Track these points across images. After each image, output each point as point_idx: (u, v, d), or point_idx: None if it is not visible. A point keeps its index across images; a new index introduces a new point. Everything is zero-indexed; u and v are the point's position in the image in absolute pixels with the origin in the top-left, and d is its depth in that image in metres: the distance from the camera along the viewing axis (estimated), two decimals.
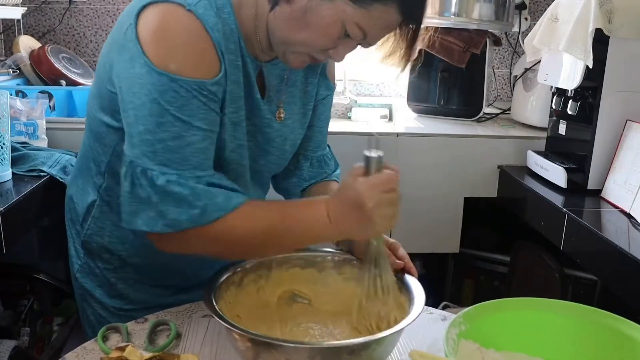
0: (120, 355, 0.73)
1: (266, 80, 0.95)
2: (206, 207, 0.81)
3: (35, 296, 1.87)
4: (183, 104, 0.80)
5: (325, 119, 1.10)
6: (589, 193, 1.52)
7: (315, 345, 0.73)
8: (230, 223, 0.82)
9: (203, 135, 0.83)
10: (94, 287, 1.04)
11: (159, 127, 0.80)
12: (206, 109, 0.83)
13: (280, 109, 0.98)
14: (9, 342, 1.60)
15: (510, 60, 2.42)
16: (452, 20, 2.00)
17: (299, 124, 1.03)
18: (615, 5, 1.39)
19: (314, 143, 1.10)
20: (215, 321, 0.87)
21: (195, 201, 0.81)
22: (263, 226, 0.84)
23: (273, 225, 0.85)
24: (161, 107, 0.80)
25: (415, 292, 0.83)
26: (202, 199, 0.81)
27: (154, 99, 0.80)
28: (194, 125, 0.82)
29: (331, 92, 1.09)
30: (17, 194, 1.26)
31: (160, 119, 0.80)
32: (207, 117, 0.83)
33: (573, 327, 0.81)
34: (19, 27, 2.21)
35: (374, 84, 2.41)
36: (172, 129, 0.80)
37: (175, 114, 0.80)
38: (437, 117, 2.09)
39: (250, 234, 0.84)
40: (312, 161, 1.11)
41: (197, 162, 0.83)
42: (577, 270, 1.86)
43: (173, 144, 0.81)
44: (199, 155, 0.83)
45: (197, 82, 0.81)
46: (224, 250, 0.86)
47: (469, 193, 1.85)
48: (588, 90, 1.51)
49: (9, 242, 1.17)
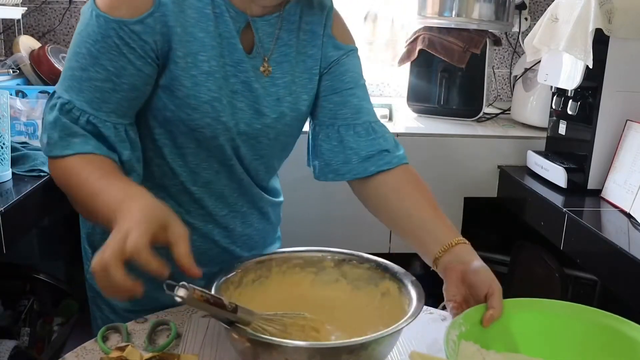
0: (120, 355, 0.73)
1: (255, 36, 0.94)
2: (58, 140, 0.85)
3: (35, 296, 1.87)
4: (97, 39, 0.84)
5: (351, 80, 1.01)
6: (589, 193, 1.52)
7: (314, 345, 0.73)
8: (68, 163, 0.85)
9: (105, 76, 0.85)
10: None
11: (74, 57, 0.86)
12: (118, 52, 0.84)
13: (266, 63, 0.95)
14: (9, 342, 1.60)
15: (510, 60, 2.42)
16: (452, 20, 2.00)
17: (299, 87, 0.98)
18: (615, 5, 1.39)
19: (350, 108, 1.00)
20: (215, 321, 0.87)
21: (59, 131, 0.84)
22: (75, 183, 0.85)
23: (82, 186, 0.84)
24: (81, 38, 0.85)
25: (415, 292, 0.83)
26: (61, 130, 0.84)
27: (79, 32, 0.86)
28: (100, 63, 0.84)
29: (345, 52, 1.01)
30: (17, 194, 1.25)
31: (77, 49, 0.86)
32: (116, 60, 0.85)
33: (574, 328, 0.81)
34: (19, 27, 2.21)
35: (374, 84, 2.41)
36: (82, 60, 0.85)
37: (89, 47, 0.84)
38: (437, 117, 2.09)
39: (72, 186, 0.85)
40: (357, 129, 1.00)
41: (90, 98, 0.85)
42: (577, 270, 1.86)
43: (78, 74, 0.85)
44: (94, 93, 0.85)
45: (116, 20, 0.83)
46: (63, 189, 0.88)
47: (469, 193, 1.85)
48: (588, 90, 1.51)
49: (9, 242, 1.17)
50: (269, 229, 1.12)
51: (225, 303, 0.72)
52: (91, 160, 0.84)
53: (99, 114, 0.86)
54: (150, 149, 0.95)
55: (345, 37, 1.03)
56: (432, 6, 2.02)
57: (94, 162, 0.84)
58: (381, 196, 0.99)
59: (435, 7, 2.01)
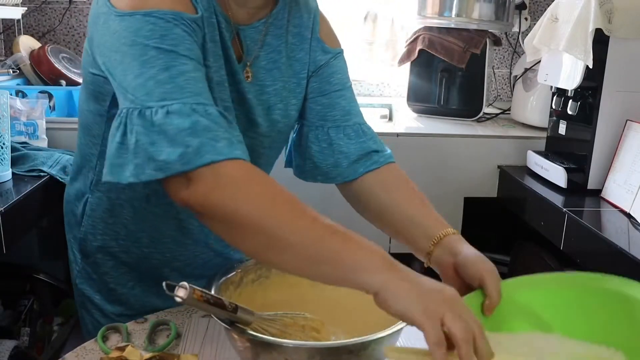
0: (120, 355, 0.73)
1: (243, 44, 0.92)
2: (202, 145, 0.70)
3: (35, 296, 1.87)
4: (163, 34, 0.74)
5: (338, 82, 1.01)
6: (589, 193, 1.52)
7: (314, 345, 0.73)
8: (229, 168, 0.71)
9: (194, 66, 0.76)
10: (93, 292, 1.03)
11: (145, 66, 0.73)
12: (190, 40, 0.76)
13: (248, 68, 0.92)
14: (9, 342, 1.60)
15: (510, 60, 2.42)
16: (452, 20, 2.00)
17: (288, 92, 0.97)
18: (615, 5, 1.39)
19: (340, 110, 1.00)
20: (215, 321, 0.87)
21: (191, 138, 0.70)
22: (277, 192, 0.72)
23: (291, 200, 0.71)
24: (141, 45, 0.73)
25: None
26: (200, 135, 0.70)
27: (132, 41, 0.74)
28: (180, 54, 0.74)
29: (333, 55, 1.01)
30: (17, 194, 1.26)
31: (143, 58, 0.73)
32: (192, 48, 0.76)
33: (579, 297, 0.80)
34: (19, 27, 2.21)
35: (374, 84, 2.41)
36: (157, 62, 0.73)
37: (157, 45, 0.74)
38: (437, 117, 2.09)
39: (258, 191, 0.71)
40: (347, 131, 0.99)
41: (197, 90, 0.74)
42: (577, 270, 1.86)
43: (163, 76, 0.73)
44: (196, 84, 0.74)
45: (174, 12, 0.75)
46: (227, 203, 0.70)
47: (469, 193, 1.85)
48: (588, 90, 1.51)
49: (9, 242, 1.17)
50: None
51: (225, 303, 0.72)
52: (258, 170, 0.73)
53: (211, 102, 0.75)
54: None
55: (332, 40, 1.03)
56: (432, 6, 2.02)
57: (262, 173, 0.73)
58: (368, 193, 0.98)
59: (435, 7, 2.01)
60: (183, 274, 1.03)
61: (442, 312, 0.64)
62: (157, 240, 0.99)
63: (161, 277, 1.01)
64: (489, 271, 0.80)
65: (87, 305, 1.05)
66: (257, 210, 0.70)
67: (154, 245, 0.99)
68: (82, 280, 1.04)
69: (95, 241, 1.00)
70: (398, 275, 0.68)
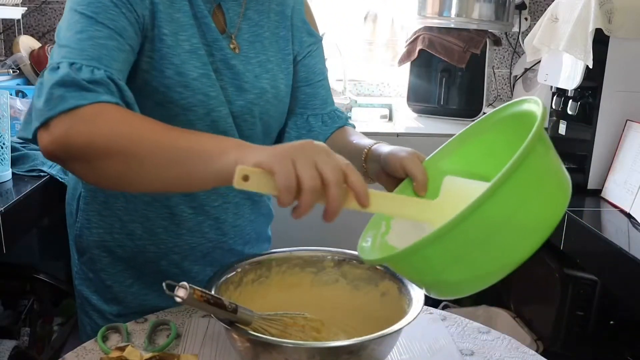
0: (120, 355, 0.73)
1: (226, 16, 0.96)
2: (67, 92, 0.72)
3: (35, 296, 1.87)
4: (90, 2, 0.80)
5: (321, 72, 1.09)
6: (589, 193, 1.52)
7: (314, 345, 0.73)
8: (89, 108, 0.71)
9: (108, 34, 0.79)
10: (90, 293, 1.04)
11: (68, 29, 0.79)
12: (116, 11, 0.81)
13: (233, 40, 0.96)
14: (9, 342, 1.60)
15: (510, 60, 2.42)
16: (452, 20, 2.00)
17: (274, 65, 1.00)
18: (615, 5, 1.39)
19: (320, 99, 1.08)
20: (215, 321, 0.87)
21: (58, 88, 0.72)
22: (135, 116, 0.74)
23: (160, 127, 0.73)
24: (72, 10, 0.80)
25: (415, 292, 0.83)
26: (68, 86, 0.72)
27: (69, 7, 0.81)
28: (98, 21, 0.79)
29: (318, 42, 1.08)
30: (17, 194, 1.26)
31: (70, 21, 0.80)
32: (115, 19, 0.80)
33: (494, 138, 0.80)
34: (19, 27, 2.21)
35: (374, 84, 2.41)
36: (77, 26, 0.79)
37: (82, 11, 0.79)
38: (437, 117, 2.09)
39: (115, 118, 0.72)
40: (324, 118, 1.08)
41: (96, 55, 0.76)
42: (577, 270, 1.85)
43: (75, 38, 0.78)
44: (99, 49, 0.77)
45: None
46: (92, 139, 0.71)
47: None
48: (588, 90, 1.51)
49: (9, 242, 1.17)
50: (261, 222, 1.11)
51: (225, 303, 0.72)
52: (128, 110, 0.75)
53: (112, 70, 0.77)
54: None
55: (315, 24, 1.09)
56: (432, 6, 2.02)
57: (134, 112, 0.76)
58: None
59: (435, 7, 2.01)
60: (181, 268, 1.02)
61: (294, 157, 0.64)
62: (150, 231, 0.99)
63: (159, 272, 1.01)
64: (407, 157, 0.84)
65: (85, 307, 1.05)
66: (111, 135, 0.71)
67: (148, 237, 0.99)
68: (81, 281, 1.05)
69: (91, 235, 1.01)
70: (253, 148, 0.68)
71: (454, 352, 0.87)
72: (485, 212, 0.61)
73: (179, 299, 0.68)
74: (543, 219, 0.67)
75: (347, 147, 1.00)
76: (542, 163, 0.70)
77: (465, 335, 0.92)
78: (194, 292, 0.69)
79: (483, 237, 0.63)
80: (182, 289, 0.68)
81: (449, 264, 0.65)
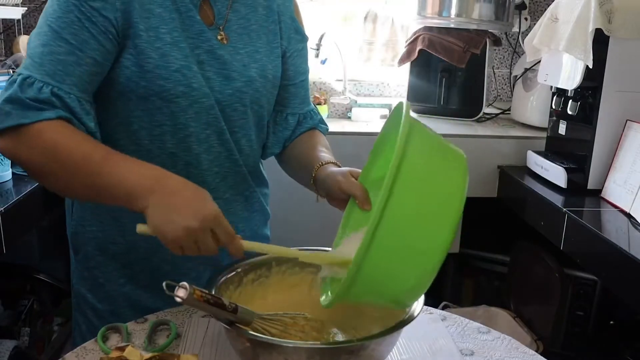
0: (120, 355, 0.73)
1: (214, 8, 0.97)
2: (13, 110, 0.81)
3: (35, 296, 1.87)
4: (59, 16, 0.85)
5: (304, 71, 1.12)
6: (589, 193, 1.52)
7: (314, 345, 0.73)
8: (30, 128, 0.81)
9: (68, 49, 0.84)
10: (86, 291, 1.04)
11: (36, 38, 0.85)
12: (80, 26, 0.85)
13: (221, 32, 0.98)
14: (9, 342, 1.60)
15: (510, 60, 2.42)
16: (452, 20, 2.00)
17: (263, 56, 1.02)
18: (615, 5, 1.39)
19: (300, 98, 1.12)
20: (215, 321, 0.87)
21: (5, 104, 0.81)
22: (78, 148, 0.83)
23: (88, 153, 0.82)
24: (44, 20, 0.86)
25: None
26: (14, 103, 0.81)
27: (43, 17, 0.86)
28: (62, 37, 0.84)
29: (305, 41, 1.11)
30: (17, 194, 1.26)
31: (39, 30, 0.86)
32: (78, 34, 0.85)
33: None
34: (19, 27, 2.21)
35: (374, 84, 2.41)
36: (43, 37, 0.85)
37: (50, 24, 0.85)
38: (437, 117, 2.09)
39: (61, 147, 0.82)
40: (299, 117, 1.12)
41: (52, 71, 0.83)
42: (577, 270, 1.86)
43: (38, 51, 0.84)
44: (56, 65, 0.83)
45: None
46: (29, 157, 0.84)
47: (469, 193, 1.83)
48: (588, 90, 1.51)
49: (9, 242, 1.17)
50: (256, 220, 1.11)
51: (225, 303, 0.72)
52: (68, 126, 0.83)
53: (63, 86, 0.84)
54: (124, 137, 0.95)
55: (302, 22, 1.11)
56: (432, 6, 2.02)
57: (73, 129, 0.84)
58: (288, 155, 1.12)
59: (435, 7, 2.01)
60: (174, 265, 1.01)
61: (182, 235, 0.78)
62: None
63: (152, 270, 1.01)
64: (342, 180, 0.90)
65: (81, 305, 1.05)
66: (45, 159, 0.83)
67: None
68: (77, 280, 1.05)
69: (85, 232, 1.01)
70: (160, 196, 0.80)
71: (454, 352, 0.87)
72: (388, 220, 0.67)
73: (179, 299, 0.68)
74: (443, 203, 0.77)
75: (303, 160, 1.06)
76: (419, 163, 0.78)
77: (465, 335, 0.92)
78: (194, 292, 0.69)
79: (396, 245, 0.68)
80: (182, 289, 0.68)
81: (387, 281, 0.70)
